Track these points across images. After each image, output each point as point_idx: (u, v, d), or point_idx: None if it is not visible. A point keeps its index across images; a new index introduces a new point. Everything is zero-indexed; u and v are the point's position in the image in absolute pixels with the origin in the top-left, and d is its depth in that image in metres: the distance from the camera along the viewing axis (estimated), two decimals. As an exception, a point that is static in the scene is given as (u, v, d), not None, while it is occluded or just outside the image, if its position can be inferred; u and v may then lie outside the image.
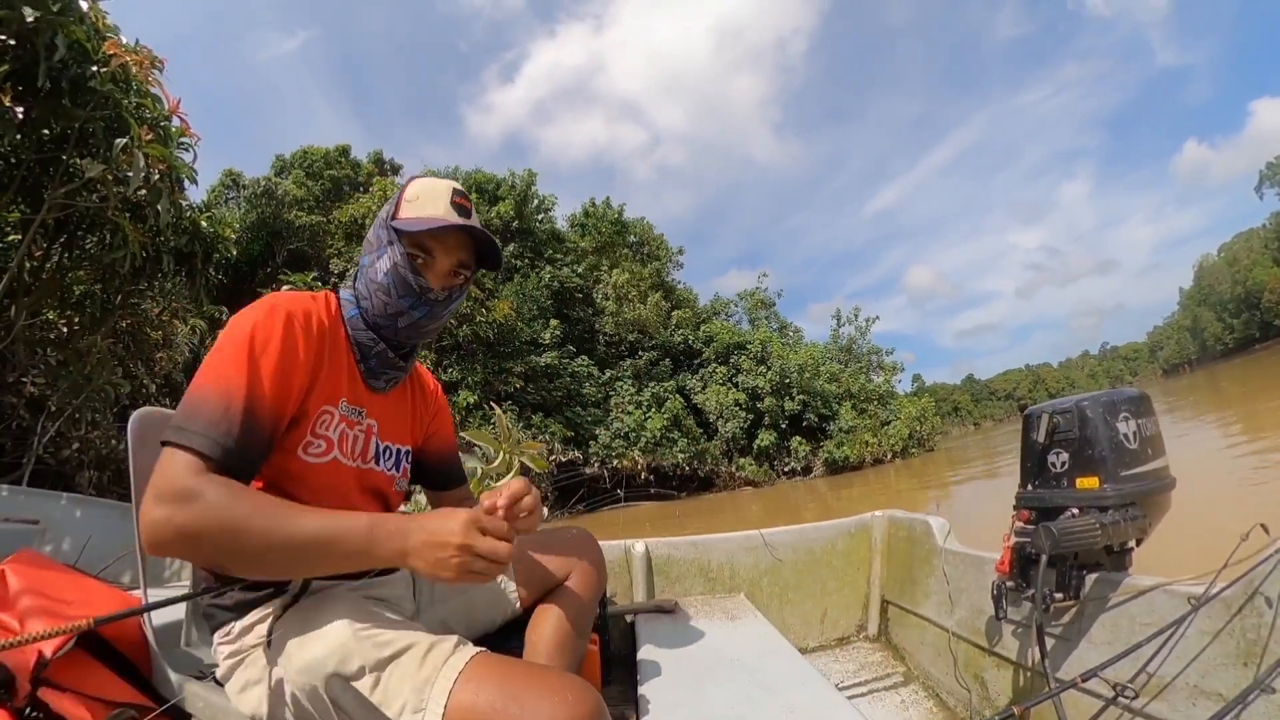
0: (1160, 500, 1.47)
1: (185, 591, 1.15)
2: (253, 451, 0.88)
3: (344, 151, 27.95)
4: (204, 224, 5.77)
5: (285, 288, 5.42)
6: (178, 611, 1.36)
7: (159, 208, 4.59)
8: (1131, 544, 1.46)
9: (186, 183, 5.01)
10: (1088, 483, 1.46)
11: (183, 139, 4.85)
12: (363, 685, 0.85)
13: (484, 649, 0.90)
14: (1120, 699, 1.18)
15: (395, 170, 30.28)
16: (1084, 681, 1.17)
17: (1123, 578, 1.39)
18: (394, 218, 1.08)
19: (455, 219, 1.07)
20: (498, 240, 1.15)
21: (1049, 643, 1.48)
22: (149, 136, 4.38)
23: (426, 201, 1.08)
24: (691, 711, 1.32)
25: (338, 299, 1.13)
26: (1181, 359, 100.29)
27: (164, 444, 0.84)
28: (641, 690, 1.44)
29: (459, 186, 1.13)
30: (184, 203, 5.28)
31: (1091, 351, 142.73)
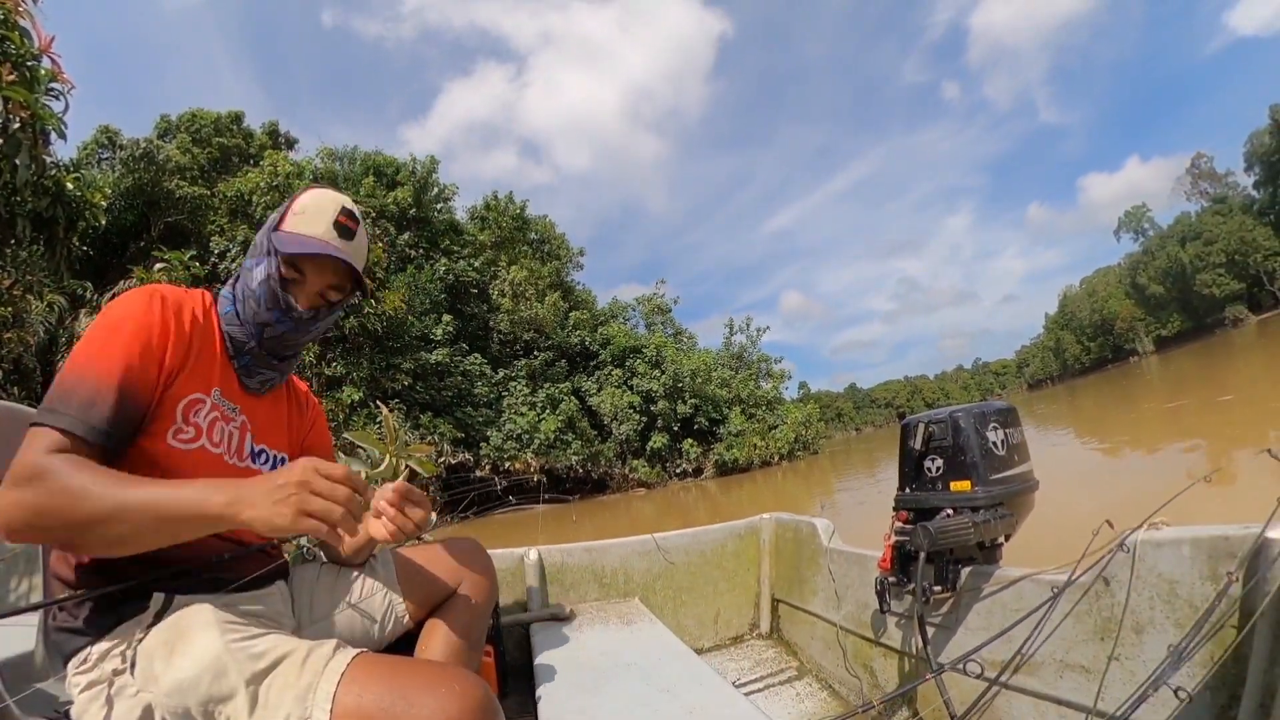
0: (1025, 500, 1.61)
1: (35, 616, 0.98)
2: (123, 431, 0.89)
3: (237, 118, 25.49)
4: (70, 185, 4.98)
5: (159, 266, 4.79)
6: (28, 640, 1.18)
7: (16, 162, 3.89)
8: (1001, 540, 1.58)
9: (53, 136, 4.26)
10: (960, 486, 1.57)
11: (53, 84, 4.10)
12: (239, 703, 0.80)
13: (365, 650, 0.88)
14: (999, 678, 1.27)
15: (291, 144, 28.03)
16: (963, 664, 1.25)
17: (994, 570, 1.51)
18: (277, 228, 1.06)
19: (334, 241, 1.06)
20: (375, 250, 1.22)
21: (930, 631, 1.58)
22: (11, 77, 3.71)
23: (312, 217, 1.06)
24: (592, 718, 1.30)
25: (214, 297, 1.12)
26: (1045, 375, 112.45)
27: (31, 425, 0.85)
28: (540, 699, 1.41)
29: (349, 205, 1.10)
30: (48, 159, 4.51)
31: (965, 366, 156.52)
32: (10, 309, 6.43)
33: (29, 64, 3.93)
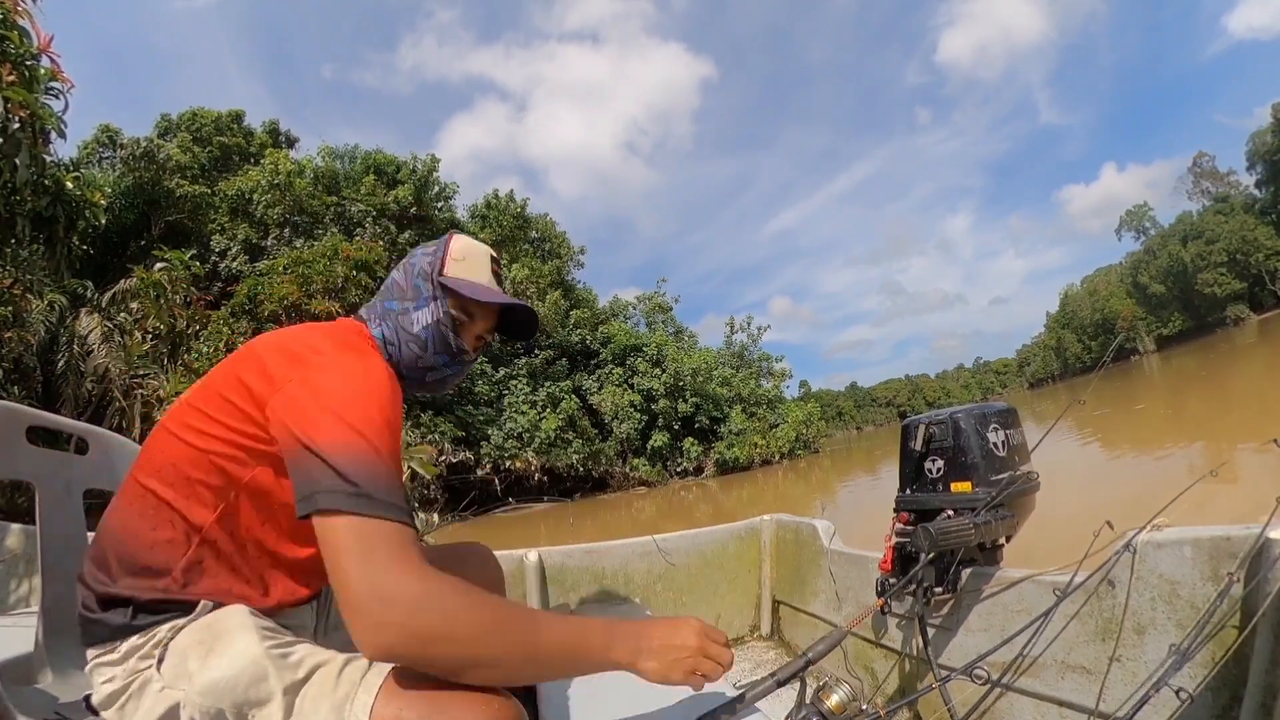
0: (1026, 501, 1.61)
1: (35, 617, 0.97)
2: None
3: (237, 117, 25.54)
4: (70, 185, 5.01)
5: (159, 265, 4.79)
6: (28, 640, 1.17)
7: (16, 161, 3.90)
8: (1002, 541, 1.58)
9: (53, 135, 4.28)
10: (961, 487, 1.57)
11: (52, 83, 4.12)
12: (274, 709, 0.80)
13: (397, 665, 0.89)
14: (1001, 679, 1.27)
15: (291, 143, 28.04)
16: (969, 671, 1.25)
17: (995, 571, 1.51)
18: (441, 273, 1.08)
19: (497, 288, 1.13)
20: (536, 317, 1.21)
21: (930, 632, 1.58)
22: (10, 77, 3.72)
23: (473, 264, 1.11)
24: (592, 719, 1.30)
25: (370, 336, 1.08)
26: (1046, 374, 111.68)
27: (359, 515, 0.77)
28: (540, 704, 1.41)
29: (494, 253, 1.17)
30: (47, 158, 4.53)
31: (966, 365, 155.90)
32: (10, 308, 6.42)
33: (28, 63, 3.94)
